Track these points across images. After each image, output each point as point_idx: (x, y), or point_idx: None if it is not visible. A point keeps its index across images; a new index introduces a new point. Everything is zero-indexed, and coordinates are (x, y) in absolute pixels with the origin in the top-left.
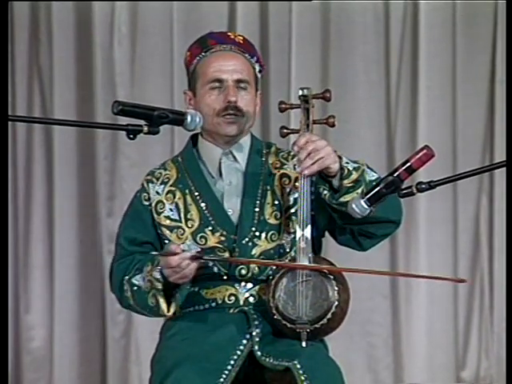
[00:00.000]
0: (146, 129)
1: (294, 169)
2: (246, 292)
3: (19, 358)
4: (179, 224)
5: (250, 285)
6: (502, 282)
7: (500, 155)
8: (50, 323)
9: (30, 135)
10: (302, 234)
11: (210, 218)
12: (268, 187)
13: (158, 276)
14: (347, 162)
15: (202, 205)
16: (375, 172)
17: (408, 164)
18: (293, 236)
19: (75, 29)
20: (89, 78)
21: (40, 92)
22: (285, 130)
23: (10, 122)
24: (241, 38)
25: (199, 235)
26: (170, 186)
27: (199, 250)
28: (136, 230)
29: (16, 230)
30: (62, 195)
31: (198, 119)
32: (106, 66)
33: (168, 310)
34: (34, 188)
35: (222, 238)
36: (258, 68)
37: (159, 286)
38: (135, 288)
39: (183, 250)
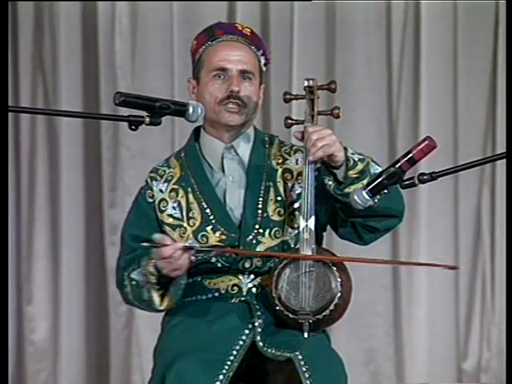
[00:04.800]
0: (147, 120)
1: (297, 163)
2: (249, 282)
3: (21, 349)
4: (181, 222)
5: (253, 275)
6: (503, 272)
7: (501, 146)
8: (52, 314)
9: (34, 126)
10: (306, 225)
11: (211, 217)
12: (271, 183)
13: (152, 269)
14: (352, 153)
15: (204, 203)
16: (379, 166)
17: (410, 155)
18: (296, 231)
19: (79, 21)
20: (92, 70)
21: (43, 84)
22: (289, 121)
23: (13, 114)
24: (248, 30)
25: (200, 234)
26: (174, 184)
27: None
28: (140, 228)
29: (18, 221)
30: (67, 186)
31: (199, 110)
32: (107, 57)
33: (161, 304)
34: (37, 179)
35: (223, 237)
36: (263, 61)
37: (153, 279)
38: (133, 283)
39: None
